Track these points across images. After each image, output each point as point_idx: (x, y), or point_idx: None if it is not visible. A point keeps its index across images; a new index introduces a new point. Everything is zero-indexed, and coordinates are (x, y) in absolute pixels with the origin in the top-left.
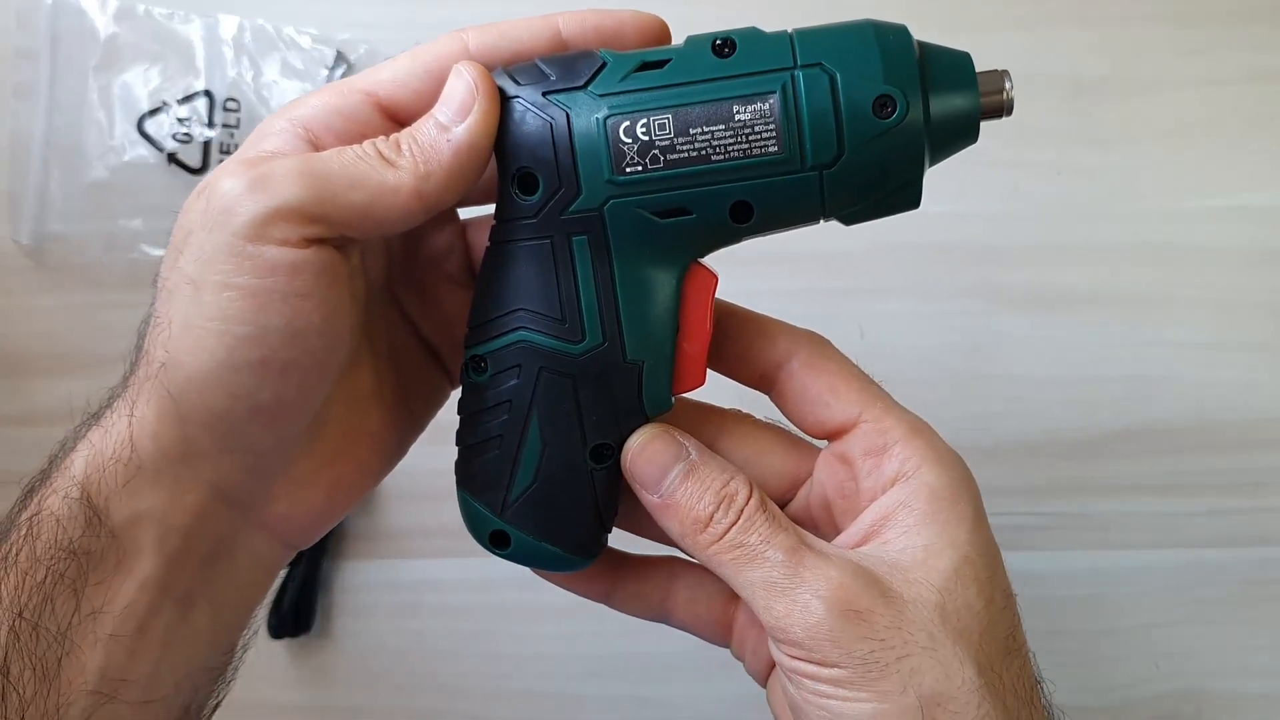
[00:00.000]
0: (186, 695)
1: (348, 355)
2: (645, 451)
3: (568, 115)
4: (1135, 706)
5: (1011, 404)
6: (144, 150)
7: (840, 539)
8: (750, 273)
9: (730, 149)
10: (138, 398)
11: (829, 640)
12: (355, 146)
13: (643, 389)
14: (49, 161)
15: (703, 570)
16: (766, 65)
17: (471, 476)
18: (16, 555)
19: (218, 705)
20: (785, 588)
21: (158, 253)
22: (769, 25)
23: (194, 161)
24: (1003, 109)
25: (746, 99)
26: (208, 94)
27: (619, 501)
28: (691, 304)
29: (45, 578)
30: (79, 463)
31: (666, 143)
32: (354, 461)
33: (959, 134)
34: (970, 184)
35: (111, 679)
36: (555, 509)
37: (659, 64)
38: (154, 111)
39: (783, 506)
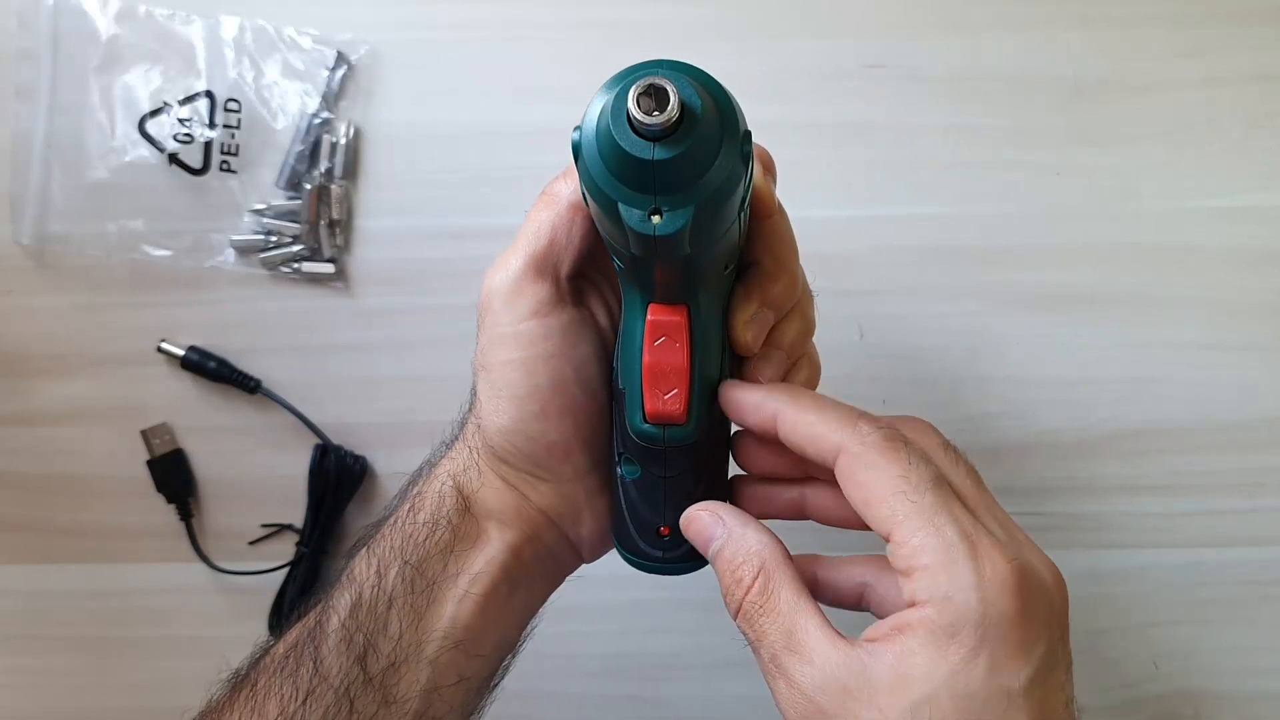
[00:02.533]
0: (494, 662)
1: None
2: (693, 525)
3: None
4: (1135, 706)
5: (1011, 404)
6: (145, 151)
7: (871, 628)
8: None
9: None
10: (471, 440)
11: None
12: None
13: (626, 412)
14: (50, 162)
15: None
16: None
17: None
18: (403, 521)
19: (497, 686)
20: (774, 674)
21: (158, 253)
22: (768, 25)
23: (195, 162)
24: None
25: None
26: (209, 95)
27: (656, 518)
28: (645, 341)
29: (426, 539)
30: (445, 468)
31: None
32: None
33: None
34: (970, 185)
35: (458, 629)
36: (612, 515)
37: None
38: (155, 112)
39: None
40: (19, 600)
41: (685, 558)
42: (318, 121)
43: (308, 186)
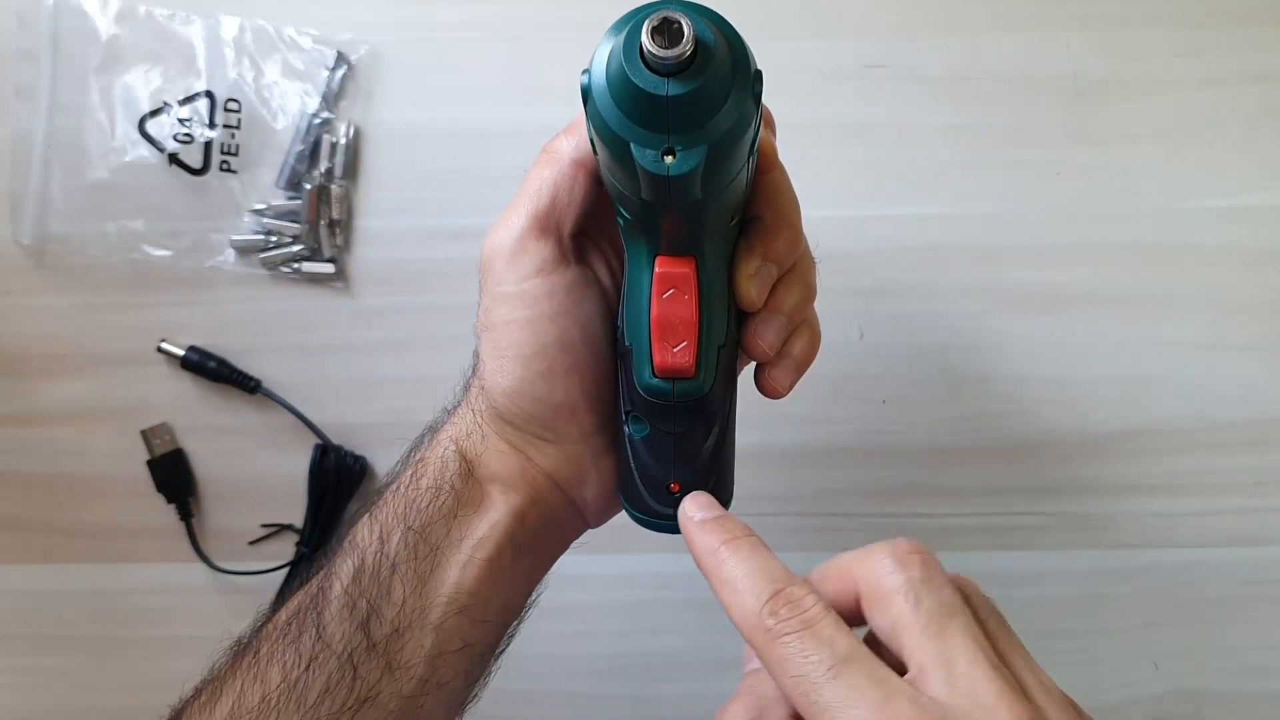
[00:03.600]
0: (499, 628)
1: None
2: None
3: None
4: (1135, 706)
5: (1011, 404)
6: (145, 151)
7: None
8: None
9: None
10: (475, 403)
11: None
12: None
13: (633, 369)
14: (50, 162)
15: None
16: None
17: None
18: (405, 487)
19: (502, 653)
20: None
21: (159, 253)
22: (768, 25)
23: (195, 162)
24: None
25: None
26: (209, 95)
27: (666, 475)
28: (653, 293)
29: (429, 504)
30: (447, 433)
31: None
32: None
33: None
34: (970, 185)
35: (462, 594)
36: (620, 468)
37: None
38: (155, 112)
39: None
40: (19, 600)
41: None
42: (318, 121)
43: (308, 186)
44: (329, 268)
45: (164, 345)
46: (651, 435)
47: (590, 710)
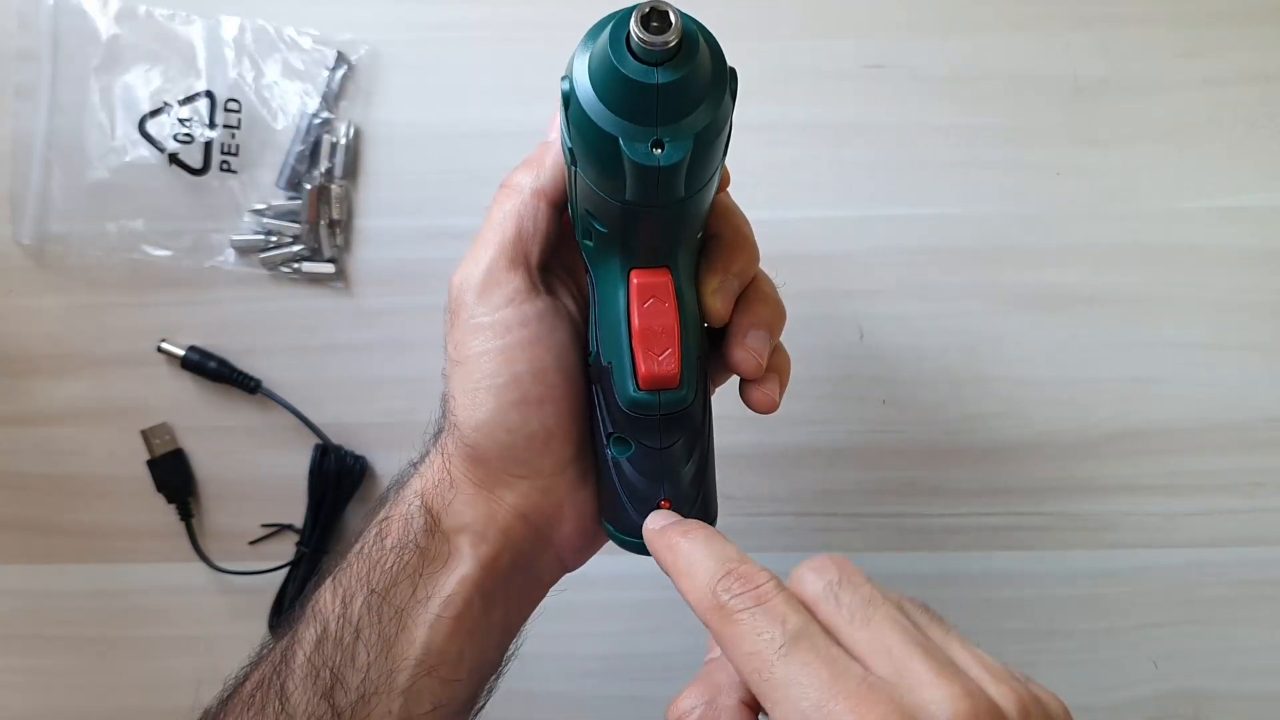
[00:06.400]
0: (473, 685)
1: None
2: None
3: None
4: (1134, 706)
5: (1011, 404)
6: (145, 151)
7: None
8: None
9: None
10: (445, 447)
11: None
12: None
13: (614, 387)
14: (50, 162)
15: None
16: None
17: None
18: (369, 548)
19: (480, 709)
20: None
21: (159, 253)
22: (768, 25)
23: (195, 162)
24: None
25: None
26: (209, 95)
27: (656, 492)
28: (631, 307)
29: (393, 565)
30: (413, 487)
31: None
32: None
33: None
34: (969, 185)
35: (431, 654)
36: (603, 495)
37: None
38: (155, 112)
39: None
40: (19, 600)
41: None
42: (318, 121)
43: (308, 186)
44: (329, 268)
45: (164, 345)
46: (637, 454)
47: (590, 710)
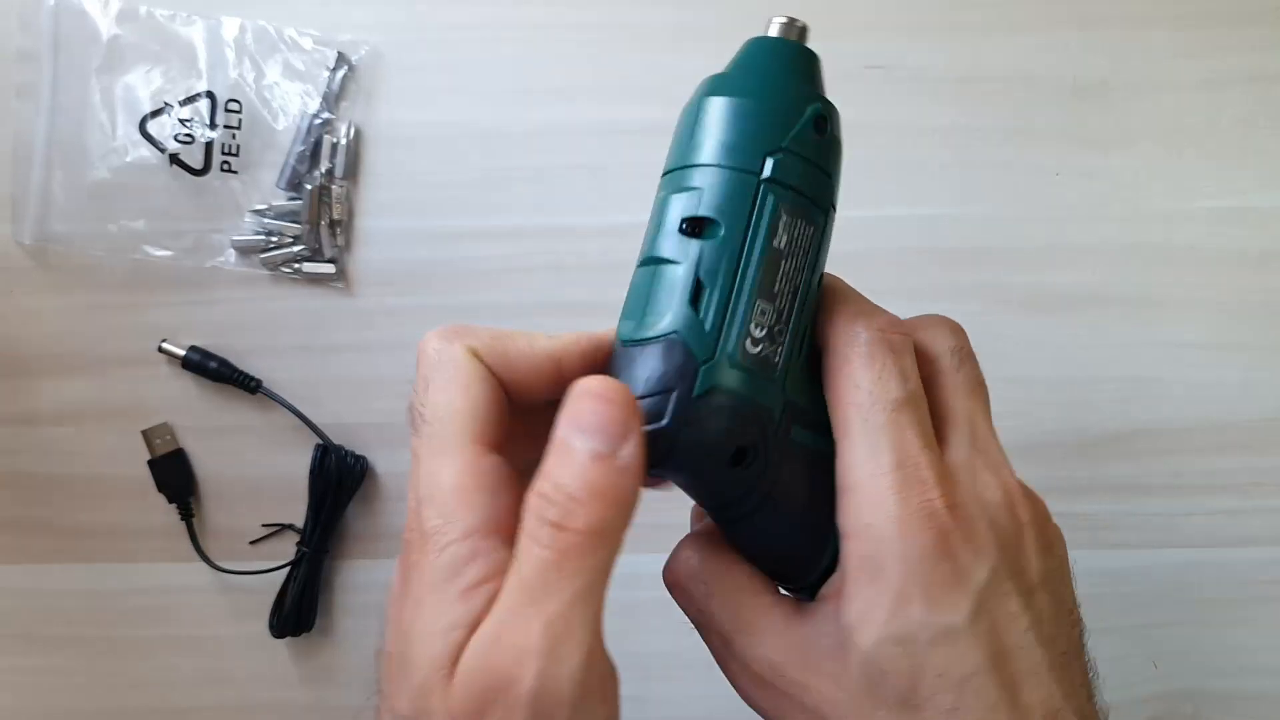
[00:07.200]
0: None
1: None
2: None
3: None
4: (1134, 706)
5: (1011, 404)
6: (146, 151)
7: (826, 584)
8: None
9: (797, 272)
10: None
11: None
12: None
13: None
14: (51, 162)
15: None
16: (744, 201)
17: None
18: None
19: None
20: (726, 658)
21: (159, 253)
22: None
23: (196, 162)
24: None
25: (772, 235)
26: (210, 95)
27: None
28: None
29: None
30: None
31: (768, 318)
32: None
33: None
34: (969, 186)
35: None
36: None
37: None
38: (156, 113)
39: None
40: (19, 600)
41: None
42: (318, 122)
43: (308, 187)
44: (330, 268)
45: (165, 345)
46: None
47: None
